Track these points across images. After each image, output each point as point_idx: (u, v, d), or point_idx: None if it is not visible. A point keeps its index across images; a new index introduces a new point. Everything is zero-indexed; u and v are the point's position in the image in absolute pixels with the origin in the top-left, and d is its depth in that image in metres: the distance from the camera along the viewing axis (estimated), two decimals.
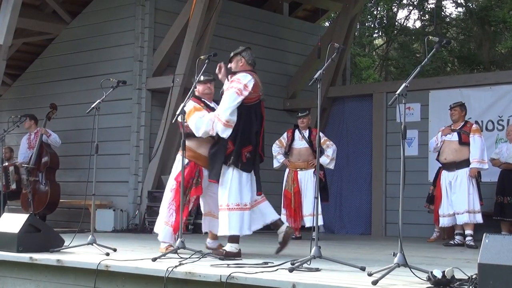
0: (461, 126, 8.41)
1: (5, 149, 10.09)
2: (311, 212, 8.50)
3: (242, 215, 5.79)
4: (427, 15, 21.34)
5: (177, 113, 5.81)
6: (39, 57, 12.25)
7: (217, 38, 10.82)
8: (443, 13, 21.05)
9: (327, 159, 8.95)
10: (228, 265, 4.96)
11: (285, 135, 9.30)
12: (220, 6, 10.41)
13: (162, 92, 10.52)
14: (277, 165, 9.30)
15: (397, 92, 4.61)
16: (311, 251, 4.85)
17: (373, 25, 21.99)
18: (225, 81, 6.14)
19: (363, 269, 4.65)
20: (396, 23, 21.80)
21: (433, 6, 20.73)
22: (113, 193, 10.63)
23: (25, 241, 5.86)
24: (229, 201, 5.79)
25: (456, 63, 20.76)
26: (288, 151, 9.18)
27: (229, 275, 4.35)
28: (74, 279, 5.36)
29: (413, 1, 21.42)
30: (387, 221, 10.67)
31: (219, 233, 5.94)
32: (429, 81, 11.68)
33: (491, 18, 18.41)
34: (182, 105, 5.82)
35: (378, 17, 22.02)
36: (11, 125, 9.54)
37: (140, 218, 10.33)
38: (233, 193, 5.80)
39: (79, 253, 5.90)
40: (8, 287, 5.81)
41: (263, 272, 4.49)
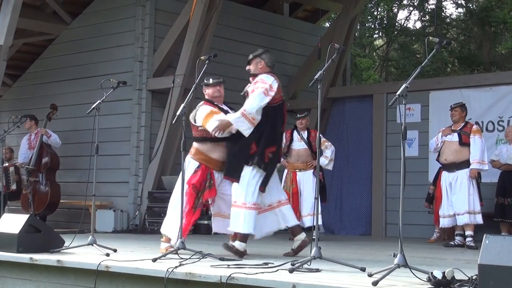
0: (461, 126, 8.40)
1: (5, 150, 10.09)
2: (310, 212, 8.52)
3: (255, 215, 5.83)
4: (427, 16, 21.33)
5: (178, 113, 5.81)
6: (40, 57, 12.25)
7: (217, 38, 10.82)
8: (443, 14, 21.06)
9: (326, 160, 8.95)
10: (228, 265, 4.96)
11: (284, 136, 9.29)
12: (220, 6, 10.42)
13: (162, 92, 10.52)
14: None
15: (398, 92, 4.61)
16: (311, 252, 4.85)
17: (373, 26, 21.99)
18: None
19: (363, 269, 4.65)
20: (396, 24, 21.81)
21: (433, 6, 20.73)
22: (113, 194, 10.63)
23: (25, 242, 5.86)
24: (246, 199, 5.81)
25: (456, 63, 20.75)
26: (286, 152, 9.17)
27: (229, 275, 4.35)
28: (74, 280, 5.36)
29: (414, 1, 21.42)
30: (388, 221, 10.66)
31: (230, 228, 5.96)
32: (429, 81, 11.68)
33: (492, 18, 18.40)
34: (182, 106, 5.81)
35: (378, 17, 22.02)
36: (11, 125, 9.53)
37: (140, 218, 10.33)
38: (250, 192, 5.82)
39: (79, 253, 5.90)
40: (8, 287, 5.81)
41: (263, 272, 4.49)
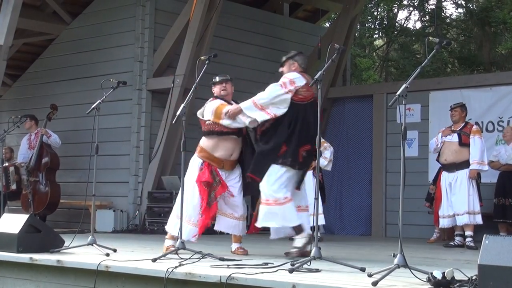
0: (461, 127, 8.40)
1: (5, 150, 10.09)
2: (310, 213, 8.51)
3: (292, 206, 5.84)
4: (427, 16, 21.33)
5: (177, 113, 5.81)
6: (40, 57, 12.25)
7: (217, 38, 10.82)
8: (443, 14, 21.06)
9: (325, 161, 8.96)
10: (228, 265, 4.96)
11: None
12: (220, 6, 10.42)
13: (162, 92, 10.52)
14: None
15: (398, 93, 4.61)
16: (311, 252, 4.85)
17: (373, 26, 21.99)
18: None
19: (363, 270, 4.65)
20: (396, 24, 21.80)
21: (433, 7, 20.73)
22: (113, 194, 10.64)
23: (25, 242, 5.86)
24: (277, 195, 5.79)
25: (456, 64, 20.75)
26: None
27: (229, 275, 4.35)
28: (74, 280, 5.36)
29: (414, 2, 21.42)
30: (387, 222, 10.67)
31: (280, 225, 5.93)
32: (429, 82, 11.68)
33: (492, 19, 18.40)
34: (182, 106, 5.81)
35: (378, 18, 22.02)
36: (11, 125, 9.54)
37: (140, 218, 10.33)
38: (283, 187, 5.81)
39: (79, 253, 5.90)
40: (8, 287, 5.81)
41: (263, 273, 4.49)
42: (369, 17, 21.43)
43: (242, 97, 6.32)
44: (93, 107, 6.48)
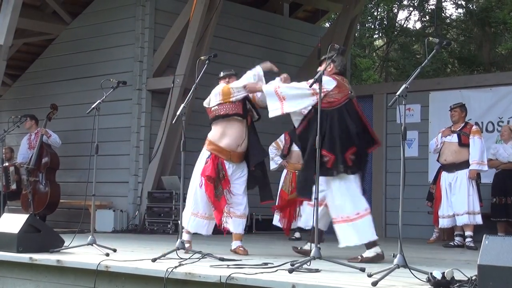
0: (461, 127, 8.40)
1: (5, 149, 10.09)
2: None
3: (369, 219, 5.73)
4: (427, 16, 21.33)
5: (177, 113, 5.81)
6: (40, 57, 12.25)
7: (217, 38, 10.82)
8: (443, 14, 21.06)
9: None
10: (228, 265, 4.96)
11: (282, 138, 9.28)
12: (220, 6, 10.42)
13: (162, 92, 10.53)
14: (274, 166, 9.29)
15: (397, 93, 4.61)
16: (311, 252, 4.85)
17: (373, 26, 22.00)
18: None
19: (363, 270, 4.65)
20: (396, 24, 21.80)
21: (433, 7, 20.73)
22: (113, 194, 10.64)
23: (25, 241, 5.86)
24: (349, 211, 5.70)
25: (456, 64, 20.75)
26: (287, 153, 9.17)
27: (229, 275, 4.35)
28: (74, 280, 5.36)
29: (414, 2, 21.42)
30: (387, 222, 10.67)
31: (350, 243, 5.84)
32: (429, 82, 11.69)
33: (492, 19, 18.41)
34: (182, 106, 5.81)
35: (378, 18, 22.02)
36: (11, 125, 9.53)
37: (140, 218, 10.33)
38: (348, 202, 5.68)
39: (79, 253, 5.90)
40: (8, 287, 5.81)
41: (262, 273, 4.49)
42: (369, 17, 21.43)
43: None
44: (93, 107, 6.48)
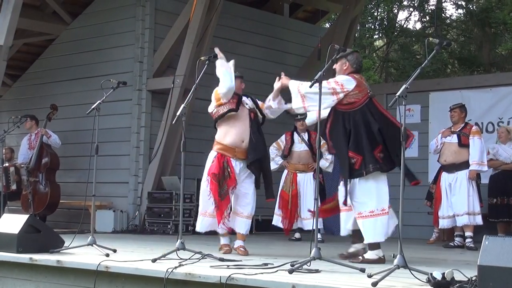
0: (461, 127, 8.40)
1: (5, 150, 10.09)
2: (310, 215, 8.51)
3: (385, 219, 5.67)
4: (427, 17, 21.34)
5: (177, 113, 5.81)
6: (40, 57, 12.25)
7: (217, 39, 10.81)
8: (443, 15, 21.07)
9: (327, 163, 8.96)
10: (228, 266, 4.96)
11: (283, 138, 9.28)
12: (220, 7, 10.42)
13: (162, 93, 10.53)
14: (274, 167, 9.27)
15: (397, 93, 4.62)
16: (310, 253, 4.85)
17: (373, 27, 22.00)
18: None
19: (363, 270, 4.65)
20: (396, 25, 21.81)
21: (433, 7, 20.75)
22: (113, 194, 10.63)
23: (25, 242, 5.86)
24: (373, 207, 5.68)
25: (456, 64, 20.77)
26: (288, 154, 9.17)
27: (229, 276, 4.35)
28: (74, 280, 5.36)
29: (414, 2, 21.43)
30: None
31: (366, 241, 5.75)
32: (429, 82, 11.69)
33: (492, 19, 18.42)
34: (182, 106, 5.81)
35: (378, 18, 22.03)
36: (11, 125, 9.53)
37: (140, 219, 10.33)
38: (374, 199, 5.69)
39: (79, 254, 5.90)
40: (8, 287, 5.81)
41: (262, 273, 4.49)
42: (369, 18, 21.44)
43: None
44: (93, 107, 6.48)
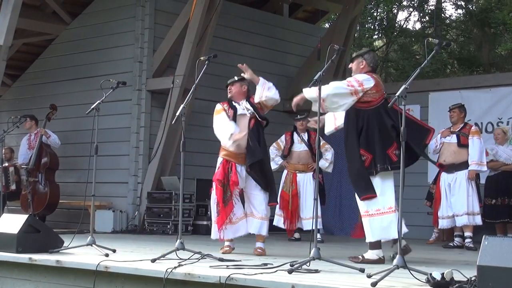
0: (460, 128, 8.40)
1: (5, 150, 10.08)
2: (310, 215, 8.51)
3: (392, 217, 5.66)
4: (427, 17, 21.34)
5: (177, 114, 5.81)
6: (39, 57, 12.25)
7: (217, 39, 10.82)
8: (443, 15, 21.06)
9: (326, 163, 8.96)
10: (227, 266, 4.96)
11: (283, 138, 9.28)
12: (220, 7, 10.42)
13: (162, 93, 10.52)
14: (274, 167, 9.27)
15: (397, 93, 4.62)
16: (310, 253, 4.85)
17: (373, 27, 21.99)
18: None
19: (362, 270, 4.65)
20: (396, 25, 21.81)
21: (433, 7, 20.74)
22: (112, 194, 10.63)
23: (25, 242, 5.86)
24: (380, 205, 5.72)
25: (455, 65, 20.76)
26: (287, 154, 9.17)
27: (228, 276, 4.35)
28: (73, 280, 5.36)
29: (413, 2, 21.43)
30: None
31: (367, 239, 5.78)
32: (428, 83, 11.69)
33: (491, 20, 18.42)
34: (182, 106, 5.81)
35: (378, 18, 22.02)
36: (11, 125, 9.52)
37: (139, 219, 10.33)
38: (381, 197, 5.73)
39: (78, 254, 5.90)
40: (7, 287, 5.81)
41: (262, 273, 4.49)
42: (368, 18, 21.43)
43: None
44: (92, 107, 6.48)
